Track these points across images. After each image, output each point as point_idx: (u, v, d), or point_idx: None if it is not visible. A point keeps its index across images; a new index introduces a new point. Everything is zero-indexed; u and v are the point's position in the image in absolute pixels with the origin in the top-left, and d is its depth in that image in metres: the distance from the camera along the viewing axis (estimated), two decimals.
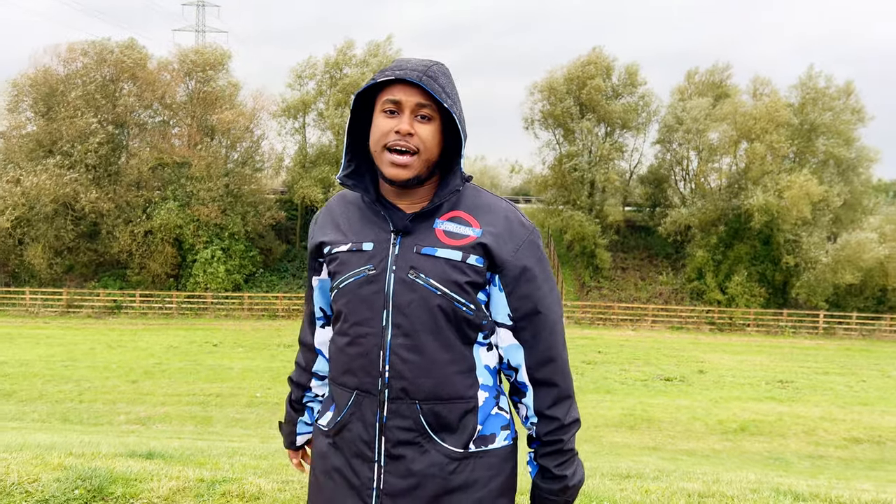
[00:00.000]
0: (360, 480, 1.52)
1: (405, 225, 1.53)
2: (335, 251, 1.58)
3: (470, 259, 1.50)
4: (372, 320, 1.50)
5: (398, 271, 1.50)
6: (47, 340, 23.25)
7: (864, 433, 14.80)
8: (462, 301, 1.50)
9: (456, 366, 1.52)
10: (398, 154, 1.47)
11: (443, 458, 1.50)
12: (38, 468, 3.69)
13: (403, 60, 1.53)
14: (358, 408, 1.52)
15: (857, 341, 29.91)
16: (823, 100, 34.07)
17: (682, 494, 3.97)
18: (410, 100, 1.48)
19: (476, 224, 1.54)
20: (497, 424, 1.59)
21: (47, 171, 30.94)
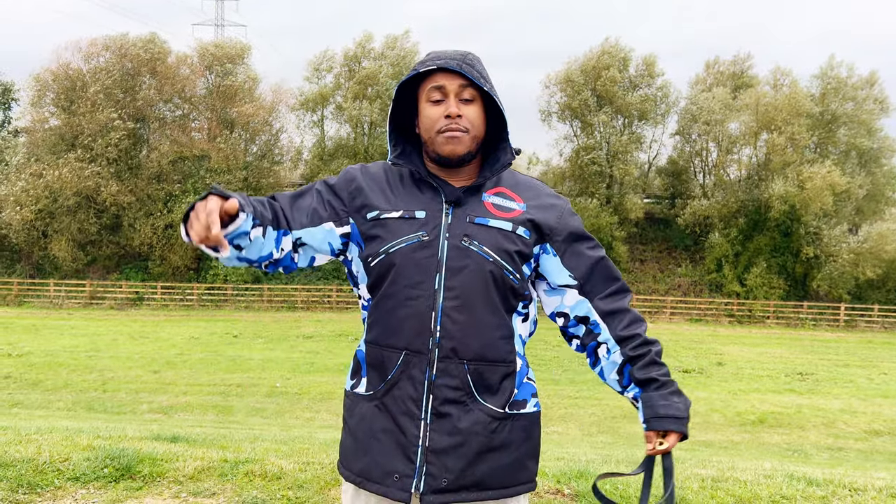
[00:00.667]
0: (406, 438, 1.56)
1: (458, 196, 1.63)
2: (384, 216, 1.62)
3: (519, 231, 1.62)
4: (424, 283, 1.57)
5: (452, 238, 1.58)
6: (71, 331, 23.64)
7: (885, 426, 14.67)
8: (510, 269, 1.60)
9: (500, 331, 1.60)
10: (452, 133, 1.59)
11: (486, 417, 1.57)
12: (68, 448, 3.82)
13: (440, 51, 1.65)
14: (407, 367, 1.57)
15: (878, 334, 29.58)
16: (845, 90, 33.64)
17: (695, 479, 4.01)
18: (453, 84, 1.59)
19: (519, 199, 1.68)
20: (528, 391, 1.67)
21: (69, 165, 31.40)
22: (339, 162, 34.57)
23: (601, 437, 13.17)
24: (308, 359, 19.96)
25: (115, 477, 3.48)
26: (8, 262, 33.46)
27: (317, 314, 29.93)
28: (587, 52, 35.82)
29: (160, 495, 3.36)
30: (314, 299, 32.01)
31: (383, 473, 1.57)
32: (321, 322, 27.31)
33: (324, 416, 14.26)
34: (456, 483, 1.55)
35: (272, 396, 15.85)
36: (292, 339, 23.36)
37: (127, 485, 3.43)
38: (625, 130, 36.03)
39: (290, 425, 12.35)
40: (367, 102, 34.53)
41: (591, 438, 12.68)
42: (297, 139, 38.94)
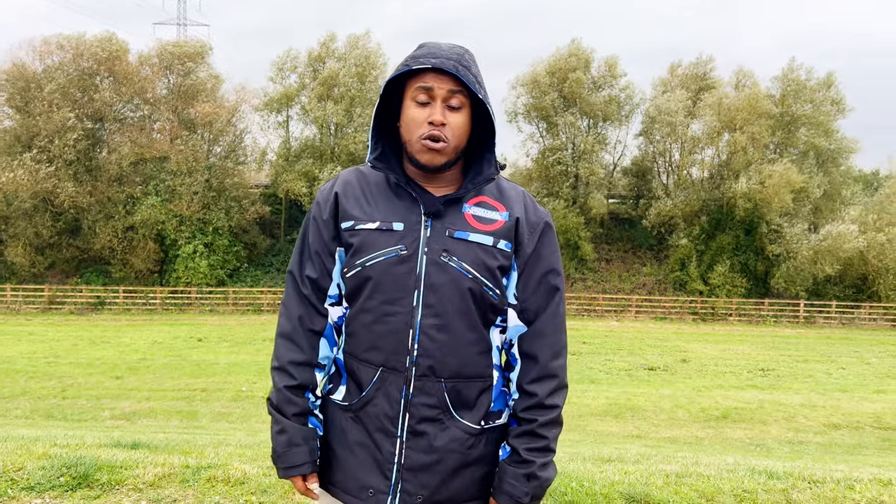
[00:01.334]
0: (381, 455, 1.54)
1: (437, 208, 1.55)
2: (359, 227, 1.57)
3: (500, 244, 1.57)
4: (403, 300, 1.52)
5: (430, 253, 1.53)
6: (29, 337, 23.04)
7: (843, 419, 15.04)
8: (490, 286, 1.55)
9: (478, 346, 1.57)
10: (432, 141, 1.51)
11: (462, 434, 1.55)
12: (22, 457, 3.71)
13: (434, 46, 1.55)
14: (383, 384, 1.54)
15: (836, 329, 30.36)
16: (804, 92, 34.47)
17: (660, 475, 4.06)
18: (442, 87, 1.50)
19: (502, 208, 1.61)
20: (503, 402, 1.65)
21: (24, 167, 30.59)
22: (305, 163, 34.27)
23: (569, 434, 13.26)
24: None
25: (71, 486, 3.39)
26: None
27: None
28: (553, 54, 36.12)
29: (119, 503, 3.28)
30: (280, 302, 31.64)
31: (358, 487, 1.56)
32: None
33: None
34: (431, 499, 1.54)
35: (238, 401, 15.64)
36: (258, 342, 23.09)
37: (84, 493, 3.34)
38: (590, 131, 36.41)
39: (256, 430, 12.19)
40: (331, 103, 34.31)
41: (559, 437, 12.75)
42: (261, 140, 38.62)
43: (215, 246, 32.86)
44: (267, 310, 31.16)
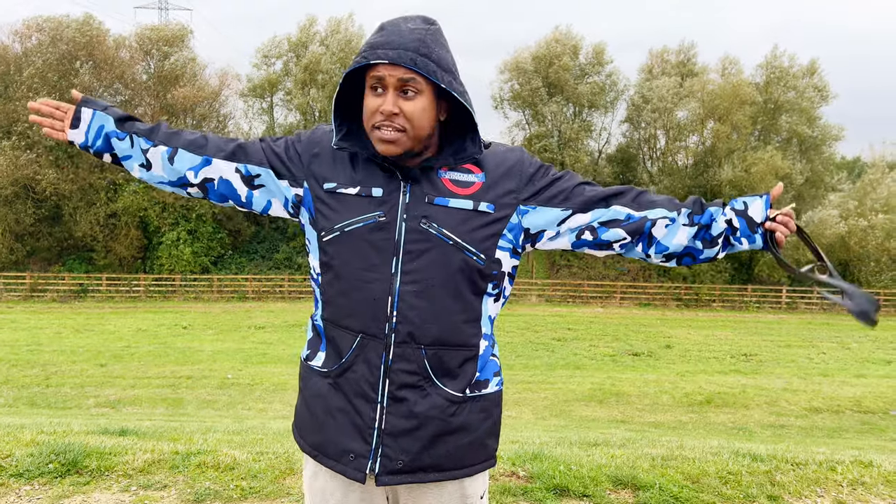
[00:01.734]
0: (362, 420, 1.54)
1: (414, 174, 1.54)
2: (340, 191, 1.57)
3: (481, 206, 1.54)
4: (380, 266, 1.51)
5: (410, 220, 1.52)
6: (11, 325, 22.81)
7: (824, 403, 15.28)
8: (473, 251, 1.53)
9: (463, 314, 1.55)
10: (386, 132, 1.47)
11: (443, 402, 1.54)
12: (10, 444, 3.69)
13: (394, 31, 1.48)
14: (362, 350, 1.54)
15: (818, 315, 30.74)
16: (787, 79, 34.68)
17: (646, 458, 4.11)
18: (393, 76, 1.45)
19: (477, 169, 1.58)
20: (490, 371, 1.64)
21: (3, 153, 30.15)
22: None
23: (554, 420, 13.37)
24: (260, 350, 19.71)
25: (60, 472, 3.38)
26: None
27: (268, 304, 29.56)
28: (538, 41, 36.09)
29: (108, 489, 3.27)
30: (265, 289, 31.57)
31: (339, 451, 1.56)
32: (273, 312, 26.98)
33: (277, 406, 14.11)
34: (412, 465, 1.54)
35: (224, 388, 15.61)
36: (244, 329, 23.02)
37: (73, 480, 3.33)
38: (575, 118, 36.44)
39: (242, 417, 12.18)
40: (315, 89, 34.06)
41: (545, 422, 12.86)
42: (245, 126, 38.25)
43: (199, 233, 32.63)
44: (252, 297, 31.04)
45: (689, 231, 1.59)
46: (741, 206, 1.58)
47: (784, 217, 1.57)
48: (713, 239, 1.60)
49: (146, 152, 1.71)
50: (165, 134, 1.71)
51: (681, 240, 1.60)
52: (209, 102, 34.76)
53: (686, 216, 1.59)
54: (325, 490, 1.64)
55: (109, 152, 1.74)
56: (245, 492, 3.29)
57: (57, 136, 1.75)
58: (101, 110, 1.73)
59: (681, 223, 1.59)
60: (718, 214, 1.59)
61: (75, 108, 1.73)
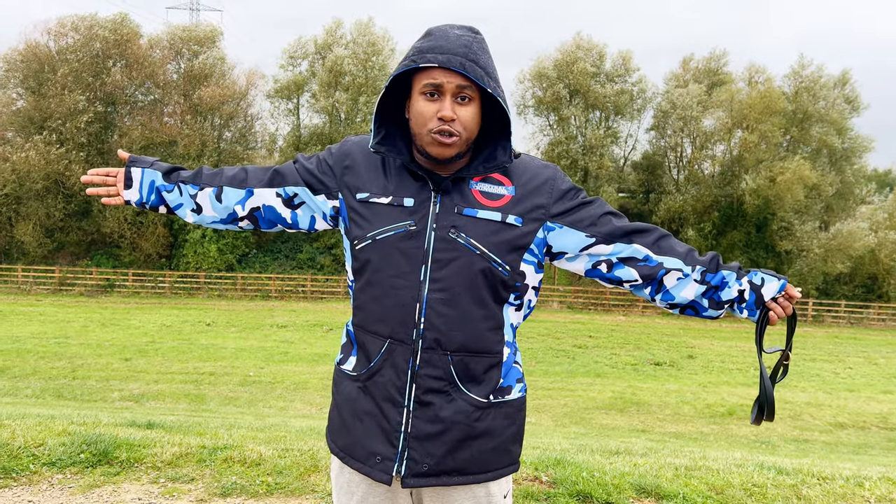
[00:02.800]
0: (389, 424, 1.58)
1: (445, 185, 1.58)
2: (373, 201, 1.61)
3: (509, 219, 1.58)
4: (410, 274, 1.55)
5: (439, 229, 1.55)
6: (40, 318, 23.24)
7: (849, 419, 15.04)
8: (499, 262, 1.56)
9: (487, 322, 1.59)
10: (443, 136, 1.50)
11: (468, 407, 1.58)
12: (43, 433, 3.77)
13: (441, 36, 1.52)
14: (390, 355, 1.57)
15: (844, 329, 30.26)
16: (816, 89, 34.19)
17: (669, 467, 4.08)
18: (451, 83, 1.49)
19: (508, 182, 1.61)
20: (514, 377, 1.67)
21: (36, 147, 30.74)
22: (314, 149, 34.27)
23: (574, 427, 13.31)
24: (282, 348, 19.88)
25: (91, 462, 3.45)
26: None
27: (290, 303, 29.78)
28: (560, 47, 36.03)
29: (138, 480, 3.33)
30: (288, 288, 31.81)
31: (366, 454, 1.60)
32: (295, 312, 27.17)
33: (297, 405, 14.22)
34: (437, 468, 1.58)
35: (245, 385, 15.76)
36: (266, 328, 23.22)
37: (104, 470, 3.40)
38: (601, 125, 36.28)
39: (263, 414, 12.29)
40: (340, 91, 34.29)
41: (564, 429, 12.81)
42: (271, 127, 38.61)
43: (225, 231, 32.98)
44: (275, 296, 31.29)
45: (699, 288, 1.66)
46: (758, 281, 1.67)
47: (786, 302, 1.68)
48: (721, 303, 1.68)
49: (195, 197, 1.80)
50: (208, 176, 1.80)
51: (688, 294, 1.67)
52: (236, 102, 35.13)
53: (700, 273, 1.65)
54: (351, 482, 1.68)
55: (163, 204, 1.84)
56: (271, 487, 3.33)
57: (115, 202, 1.86)
58: (149, 167, 1.83)
59: (693, 279, 1.65)
60: (732, 280, 1.66)
61: (125, 169, 1.83)
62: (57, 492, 3.16)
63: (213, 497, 3.22)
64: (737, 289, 1.66)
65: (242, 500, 3.21)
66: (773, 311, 1.67)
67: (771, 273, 1.69)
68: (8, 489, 3.17)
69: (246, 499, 3.23)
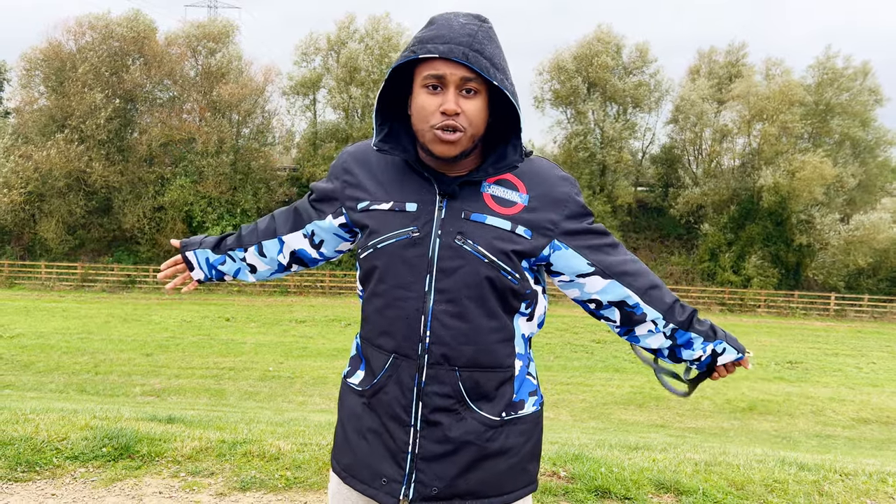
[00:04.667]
0: (395, 444, 1.49)
1: (453, 188, 1.47)
2: (374, 208, 1.52)
3: (518, 230, 1.48)
4: (414, 284, 1.46)
5: (444, 236, 1.45)
6: (63, 313, 23.57)
7: (873, 414, 14.86)
8: (508, 270, 1.47)
9: (497, 334, 1.49)
10: (446, 133, 1.40)
11: (479, 426, 1.48)
12: (65, 428, 3.83)
13: (445, 25, 1.41)
14: (395, 371, 1.48)
15: (868, 323, 29.85)
16: (840, 80, 33.70)
17: (689, 463, 4.06)
18: (455, 74, 1.38)
19: (523, 189, 1.51)
20: (526, 391, 1.57)
21: (57, 146, 31.16)
22: (330, 146, 34.41)
23: (592, 422, 13.27)
24: (301, 343, 20.00)
25: (113, 456, 3.49)
26: None
27: (309, 299, 29.94)
28: (579, 40, 35.80)
29: (159, 474, 3.37)
30: (307, 284, 31.98)
31: (371, 475, 1.52)
32: (314, 307, 27.33)
33: (316, 399, 14.31)
34: (447, 491, 1.48)
35: (265, 380, 15.89)
36: (285, 323, 23.37)
37: (126, 464, 3.44)
38: (618, 118, 36.03)
39: (283, 409, 12.38)
40: (354, 87, 34.31)
41: (583, 424, 12.78)
42: (288, 123, 38.77)
43: None
44: (293, 291, 31.48)
45: (664, 342, 1.65)
46: (720, 349, 1.67)
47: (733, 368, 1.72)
48: (678, 359, 1.69)
49: (245, 260, 1.82)
50: (248, 234, 1.81)
51: (652, 344, 1.67)
52: (254, 98, 35.33)
53: (671, 330, 1.63)
54: (349, 499, 1.60)
55: (223, 275, 1.88)
56: (290, 482, 3.35)
57: (191, 288, 1.94)
58: (199, 247, 1.86)
59: (663, 333, 1.63)
60: (698, 344, 1.65)
61: (181, 256, 1.88)
62: (79, 485, 3.21)
63: (233, 491, 3.25)
64: (699, 353, 1.66)
65: (262, 495, 3.23)
66: (717, 372, 1.72)
67: (735, 344, 1.69)
68: (31, 482, 3.22)
69: (265, 493, 3.25)
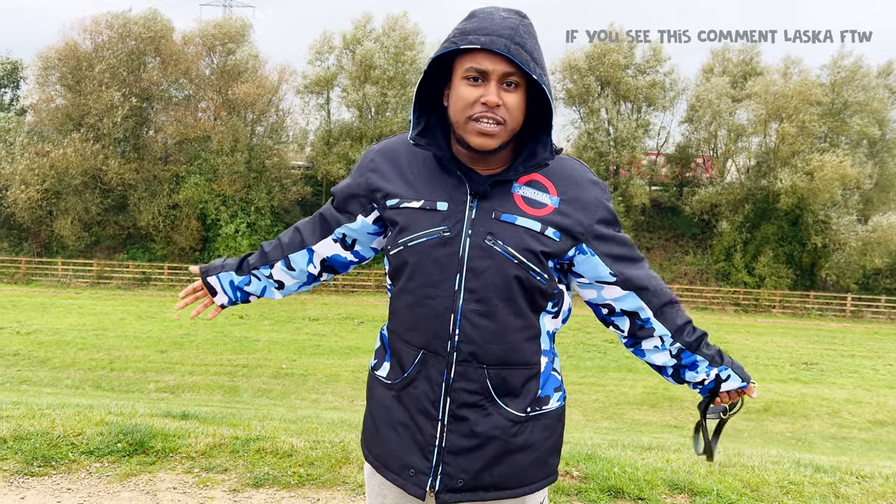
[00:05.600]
0: (423, 437, 1.53)
1: (484, 188, 1.49)
2: (404, 206, 1.53)
3: (548, 231, 1.49)
4: (443, 283, 1.48)
5: (474, 236, 1.47)
6: (79, 310, 23.79)
7: (890, 416, 14.70)
8: (537, 270, 1.49)
9: (525, 333, 1.52)
10: (486, 124, 1.41)
11: (505, 422, 1.52)
12: (81, 423, 3.86)
13: (486, 18, 1.42)
14: (424, 366, 1.51)
15: (885, 325, 29.53)
16: (857, 79, 33.34)
17: (703, 463, 4.03)
18: (497, 69, 1.39)
19: (553, 191, 1.52)
20: (551, 387, 1.60)
21: (73, 144, 31.46)
22: (345, 144, 34.46)
23: (605, 422, 13.23)
24: (314, 341, 20.07)
25: (128, 451, 3.52)
26: (15, 241, 33.60)
27: (322, 297, 30.04)
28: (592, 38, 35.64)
29: (173, 470, 3.39)
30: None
31: (400, 466, 1.56)
32: (327, 305, 27.42)
33: (329, 397, 14.35)
34: (472, 483, 1.52)
35: (278, 378, 15.96)
36: (298, 321, 23.47)
37: (140, 459, 3.47)
38: (632, 116, 35.85)
39: (296, 406, 12.44)
40: (370, 86, 34.35)
41: (595, 424, 12.74)
42: (302, 122, 38.86)
43: (257, 226, 33.36)
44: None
45: (669, 360, 1.66)
46: (725, 376, 1.68)
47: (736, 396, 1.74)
48: (681, 379, 1.70)
49: (271, 277, 1.81)
50: (272, 251, 1.79)
51: (657, 360, 1.68)
52: (268, 97, 35.48)
53: (677, 349, 1.64)
54: (383, 485, 1.65)
55: (249, 296, 1.88)
56: (302, 478, 3.36)
57: (214, 315, 1.95)
58: (221, 271, 1.86)
59: (669, 352, 1.64)
60: (703, 367, 1.66)
61: (202, 281, 1.90)
62: (94, 480, 3.23)
63: (246, 487, 3.26)
64: (702, 376, 1.68)
65: (274, 491, 3.25)
66: (720, 398, 1.73)
67: (741, 372, 1.71)
68: (48, 477, 3.25)
69: (278, 489, 3.26)
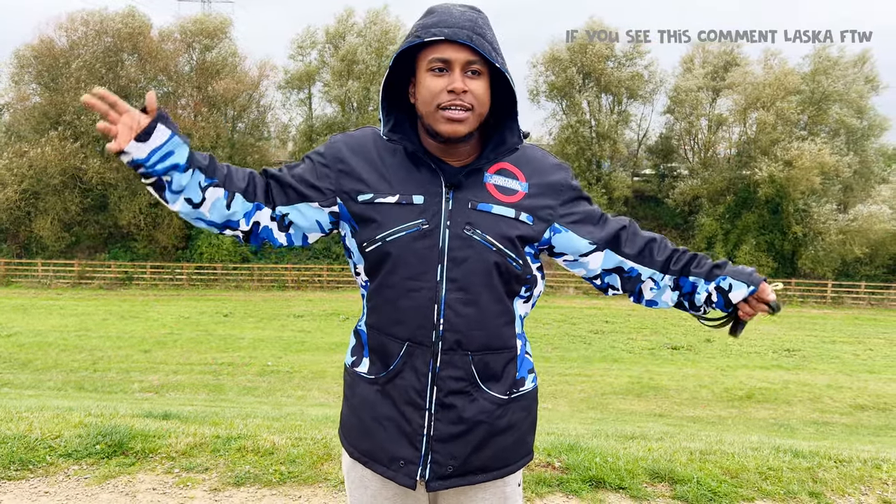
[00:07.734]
0: (410, 427, 1.55)
1: (458, 179, 1.53)
2: (379, 201, 1.53)
3: (522, 216, 1.56)
4: (426, 274, 1.50)
5: (453, 227, 1.51)
6: (60, 311, 23.54)
7: (870, 400, 14.90)
8: (513, 257, 1.54)
9: (503, 318, 1.57)
10: (454, 111, 1.45)
11: (490, 405, 1.57)
12: (59, 425, 3.82)
13: (445, 12, 1.47)
14: (410, 358, 1.54)
15: (865, 310, 29.90)
16: (836, 68, 33.65)
17: (684, 452, 4.06)
18: (460, 57, 1.44)
19: (522, 177, 1.59)
20: (526, 369, 1.66)
21: (51, 143, 31.05)
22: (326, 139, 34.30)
23: (591, 412, 13.30)
24: (299, 338, 20.00)
25: (107, 453, 3.49)
26: None
27: (307, 293, 29.93)
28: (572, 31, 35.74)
29: (153, 471, 3.37)
30: (304, 278, 31.96)
31: (389, 458, 1.58)
32: (312, 301, 27.32)
33: (315, 393, 14.31)
34: (461, 469, 1.57)
35: (263, 375, 15.89)
36: (283, 318, 23.36)
37: (119, 461, 3.44)
38: (614, 108, 35.99)
39: (281, 403, 12.39)
40: (352, 80, 34.22)
41: (581, 415, 12.80)
42: (283, 118, 38.66)
43: None
44: (291, 286, 31.47)
45: (674, 294, 1.71)
46: (726, 286, 1.66)
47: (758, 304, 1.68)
48: (697, 307, 1.72)
49: (204, 190, 1.51)
50: (222, 174, 1.53)
51: (666, 300, 1.73)
52: (249, 93, 35.22)
53: (672, 281, 1.69)
54: (364, 477, 1.66)
55: (164, 181, 1.47)
56: (284, 476, 3.35)
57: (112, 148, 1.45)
58: (178, 133, 1.47)
59: (666, 286, 1.70)
60: (701, 285, 1.68)
61: (150, 121, 1.44)
62: (73, 482, 3.21)
63: (227, 486, 3.25)
64: (704, 295, 1.69)
65: (255, 489, 3.23)
66: (742, 312, 1.70)
67: (743, 277, 1.66)
68: (25, 480, 3.21)
69: (259, 488, 3.25)
